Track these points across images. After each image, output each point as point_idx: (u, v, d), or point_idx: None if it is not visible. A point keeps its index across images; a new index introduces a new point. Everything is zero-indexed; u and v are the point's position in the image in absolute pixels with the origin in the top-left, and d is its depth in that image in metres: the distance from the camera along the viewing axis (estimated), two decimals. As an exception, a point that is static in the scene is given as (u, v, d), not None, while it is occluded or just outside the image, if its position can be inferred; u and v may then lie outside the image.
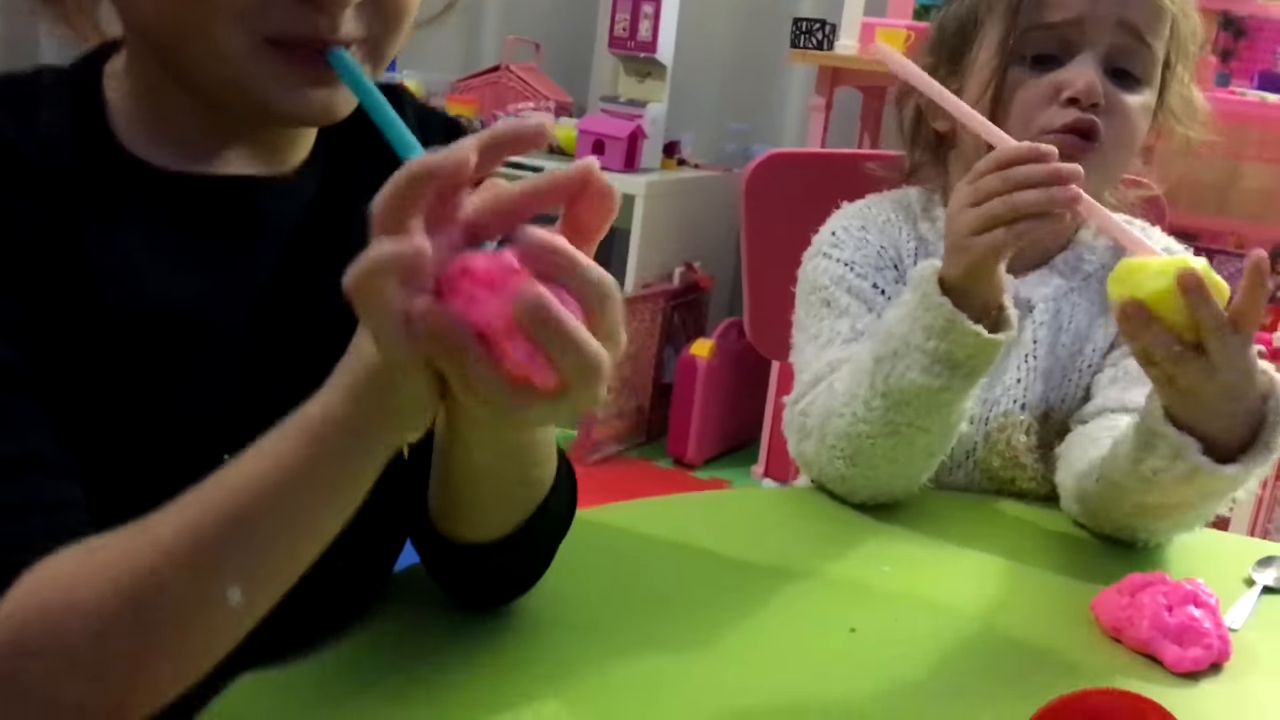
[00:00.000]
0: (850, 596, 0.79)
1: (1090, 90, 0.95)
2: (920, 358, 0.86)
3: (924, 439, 0.90)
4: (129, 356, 0.61)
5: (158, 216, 0.63)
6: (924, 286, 0.86)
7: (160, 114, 0.64)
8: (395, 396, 0.49)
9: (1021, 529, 0.94)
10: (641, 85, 2.79)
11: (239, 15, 0.58)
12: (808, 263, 1.06)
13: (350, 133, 0.70)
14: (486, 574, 0.69)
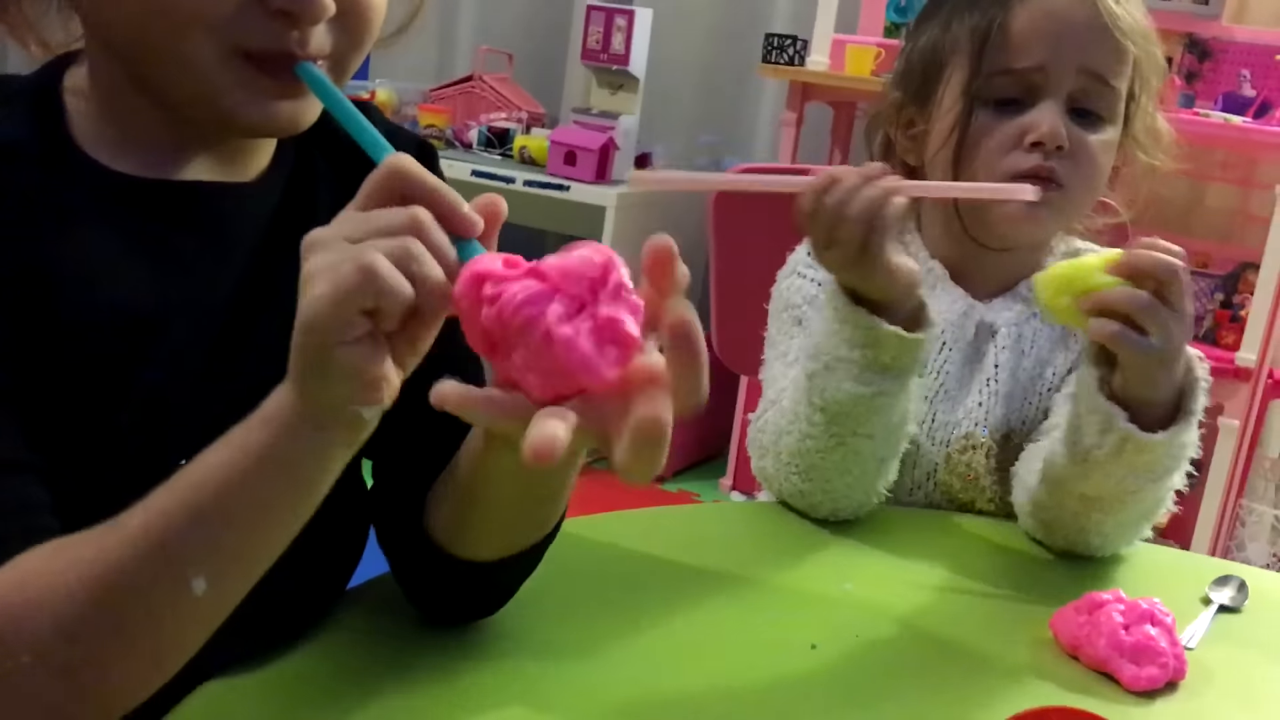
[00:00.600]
0: (812, 613, 0.79)
1: (1054, 135, 0.97)
2: (849, 368, 0.87)
3: (870, 446, 0.91)
4: (89, 358, 0.61)
5: (118, 220, 0.63)
6: (834, 301, 0.88)
7: (122, 123, 0.64)
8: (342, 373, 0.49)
9: (981, 546, 0.94)
10: (614, 97, 2.80)
11: (211, 28, 0.58)
12: (781, 281, 1.06)
13: (310, 142, 0.70)
14: (476, 590, 0.70)
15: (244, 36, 0.58)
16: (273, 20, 0.58)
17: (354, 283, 0.47)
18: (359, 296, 0.47)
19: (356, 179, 0.72)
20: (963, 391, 1.03)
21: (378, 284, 0.47)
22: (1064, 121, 0.98)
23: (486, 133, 2.96)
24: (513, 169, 2.79)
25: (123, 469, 0.62)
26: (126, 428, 0.62)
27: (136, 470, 0.61)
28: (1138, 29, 1.00)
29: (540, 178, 2.73)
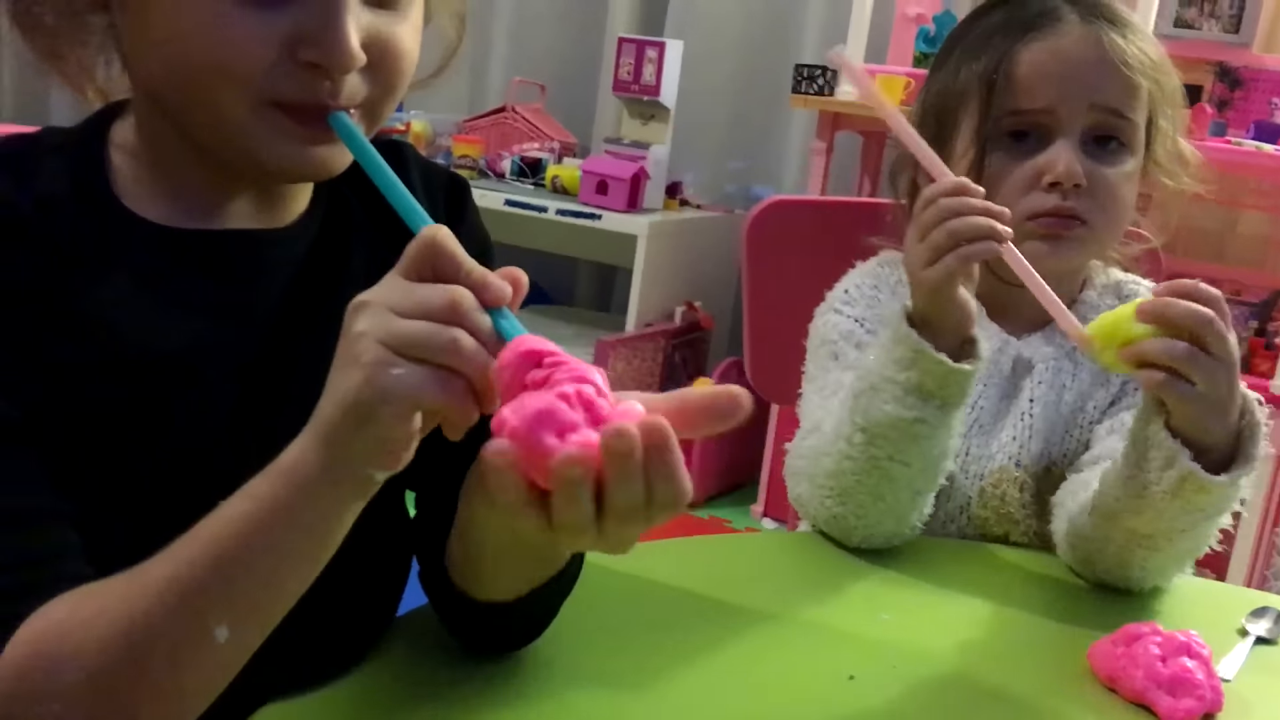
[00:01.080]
0: (849, 644, 0.80)
1: (1070, 174, 0.98)
2: (894, 389, 0.88)
3: (905, 474, 0.91)
4: (121, 403, 0.63)
5: (152, 268, 0.65)
6: (893, 322, 0.89)
7: (163, 170, 0.66)
8: (371, 444, 0.51)
9: (1018, 577, 0.95)
10: (645, 127, 2.82)
11: (243, 82, 0.60)
12: (819, 318, 1.08)
13: (342, 184, 0.72)
14: (499, 627, 0.71)
15: (276, 89, 0.60)
16: (304, 72, 0.60)
17: (398, 394, 0.49)
18: (400, 404, 0.50)
19: (389, 221, 0.74)
20: (997, 425, 1.04)
21: (420, 401, 0.50)
22: (1080, 158, 0.98)
23: (519, 162, 2.99)
24: (545, 198, 2.82)
25: (155, 513, 0.63)
26: (159, 472, 0.64)
27: (168, 514, 0.63)
28: (1147, 61, 1.01)
29: (572, 206, 2.76)
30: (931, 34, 2.54)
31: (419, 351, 0.49)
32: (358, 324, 0.51)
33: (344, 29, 0.59)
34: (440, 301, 0.50)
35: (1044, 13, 1.02)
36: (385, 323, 0.50)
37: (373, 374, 0.49)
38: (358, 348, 0.50)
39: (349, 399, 0.50)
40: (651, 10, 3.26)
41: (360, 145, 0.60)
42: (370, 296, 0.51)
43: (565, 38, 3.37)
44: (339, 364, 0.52)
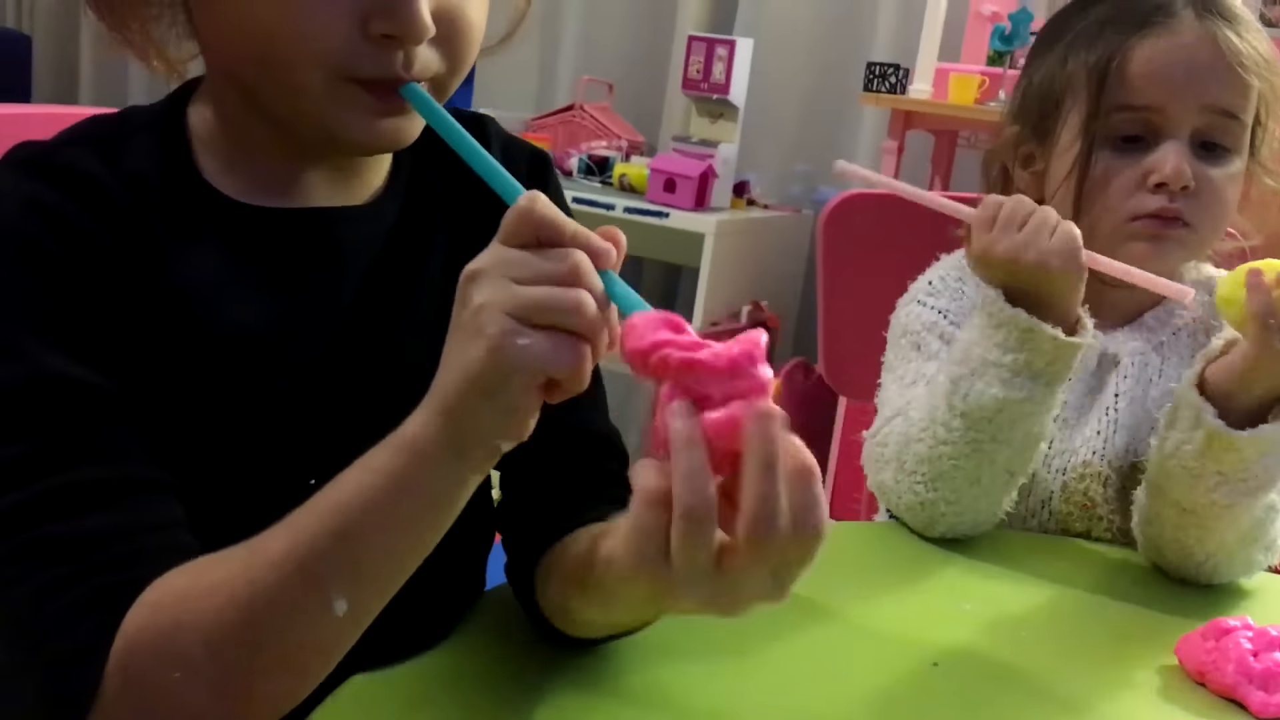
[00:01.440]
0: (932, 631, 0.79)
1: (1178, 176, 0.97)
2: (999, 372, 0.89)
3: (1005, 454, 0.91)
4: (210, 382, 0.64)
5: (238, 247, 0.66)
6: (990, 306, 0.89)
7: (240, 147, 0.68)
8: (498, 414, 0.51)
9: (1102, 568, 0.94)
10: (713, 126, 2.82)
11: (319, 59, 0.61)
12: (902, 309, 1.07)
13: (426, 164, 0.73)
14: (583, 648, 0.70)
15: (351, 65, 0.61)
16: (377, 46, 0.61)
17: (527, 363, 0.49)
18: (529, 374, 0.50)
19: (471, 196, 0.74)
20: (1081, 420, 1.03)
21: (549, 369, 0.50)
22: (1188, 159, 0.97)
23: (587, 160, 3.01)
24: (612, 196, 2.83)
25: (251, 484, 0.65)
26: (245, 450, 0.65)
27: (266, 486, 0.64)
28: (1261, 60, 1.00)
29: (640, 205, 2.76)
30: (1007, 32, 2.50)
31: (546, 318, 0.50)
32: (476, 295, 0.51)
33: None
34: (562, 267, 0.50)
35: (1159, 6, 1.01)
36: (507, 291, 0.50)
37: (499, 344, 0.49)
38: (480, 319, 0.50)
39: (474, 370, 0.50)
40: (721, 9, 3.26)
41: (438, 115, 0.61)
42: (483, 265, 0.52)
43: (634, 36, 3.38)
44: (458, 336, 0.52)
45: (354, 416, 0.67)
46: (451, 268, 0.72)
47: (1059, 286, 0.89)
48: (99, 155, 0.64)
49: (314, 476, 0.65)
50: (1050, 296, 0.89)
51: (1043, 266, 0.88)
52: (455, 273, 0.72)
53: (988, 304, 0.90)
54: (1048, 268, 0.88)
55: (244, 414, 0.65)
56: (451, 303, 0.71)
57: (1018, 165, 1.07)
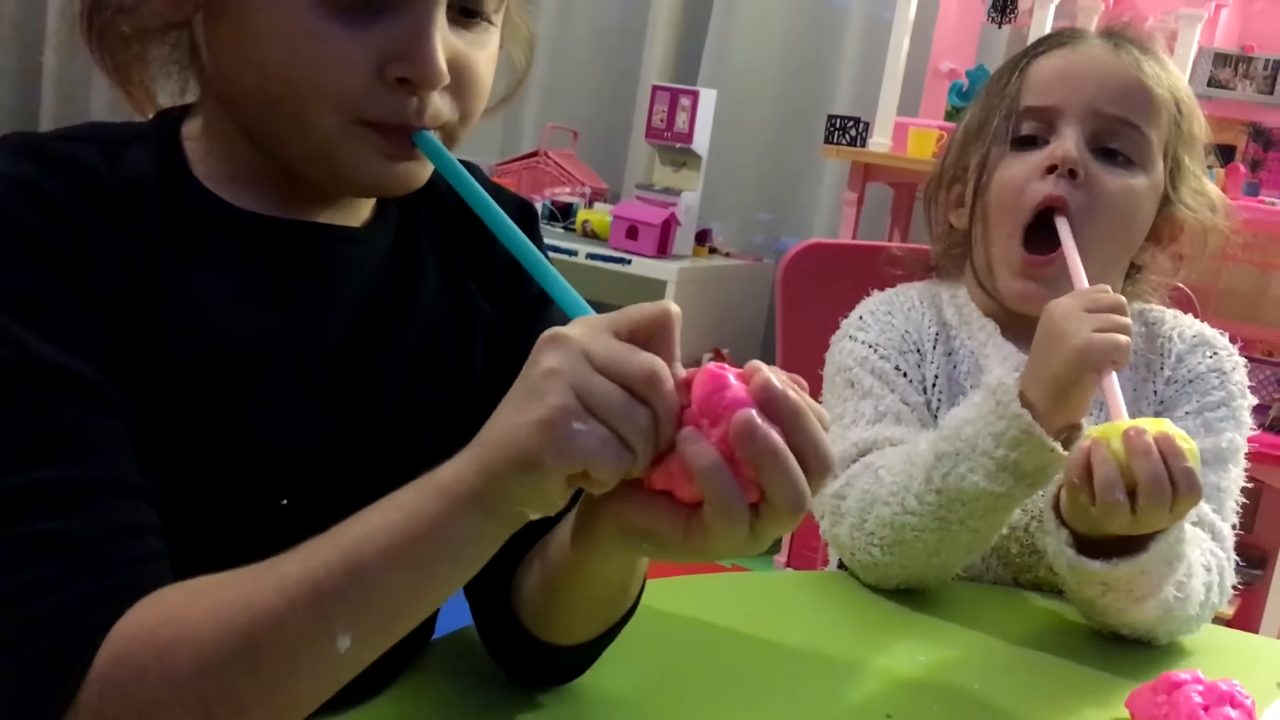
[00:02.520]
0: (886, 683, 0.79)
1: (1066, 157, 0.99)
2: (986, 463, 0.87)
3: (969, 537, 0.91)
4: (202, 389, 0.63)
5: (237, 255, 0.66)
6: (1001, 395, 0.87)
7: (237, 171, 0.67)
8: (531, 488, 0.51)
9: (1054, 623, 0.94)
10: (676, 174, 2.85)
11: (339, 101, 0.61)
12: (835, 345, 1.08)
13: (413, 199, 0.73)
14: (558, 665, 0.70)
15: (365, 108, 0.61)
16: (393, 91, 0.61)
17: (572, 452, 0.49)
18: (570, 461, 0.49)
19: (457, 233, 0.74)
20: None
21: (591, 465, 0.49)
22: (1082, 150, 1.00)
23: (550, 206, 3.02)
24: (575, 242, 2.84)
25: (224, 498, 0.63)
26: (231, 457, 0.64)
27: (238, 501, 0.63)
28: (1164, 79, 1.02)
29: (603, 251, 2.77)
30: (965, 88, 2.56)
31: (607, 417, 0.49)
32: (550, 359, 0.50)
33: (434, 45, 0.61)
34: (641, 370, 0.50)
35: (1070, 32, 1.08)
36: (581, 371, 0.50)
37: (554, 420, 0.49)
38: (546, 384, 0.50)
39: (519, 439, 0.50)
40: (685, 59, 3.30)
41: (450, 164, 0.62)
42: (570, 333, 0.51)
43: (599, 85, 3.41)
44: (518, 393, 0.51)
45: (333, 438, 0.67)
46: (441, 302, 0.73)
47: (1087, 380, 0.87)
48: (101, 154, 0.63)
49: (286, 497, 0.65)
50: (1057, 403, 0.87)
51: (1084, 353, 0.86)
52: (444, 306, 0.73)
53: (999, 392, 0.87)
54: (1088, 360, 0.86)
55: (224, 424, 0.64)
56: (438, 338, 0.72)
57: (953, 205, 1.10)
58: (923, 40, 2.76)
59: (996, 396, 0.87)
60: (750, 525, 0.51)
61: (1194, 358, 1.06)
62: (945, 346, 1.06)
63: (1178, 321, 1.09)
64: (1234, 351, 1.07)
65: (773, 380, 0.50)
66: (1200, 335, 1.08)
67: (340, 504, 0.54)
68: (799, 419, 0.50)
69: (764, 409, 0.50)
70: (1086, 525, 0.85)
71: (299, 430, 0.66)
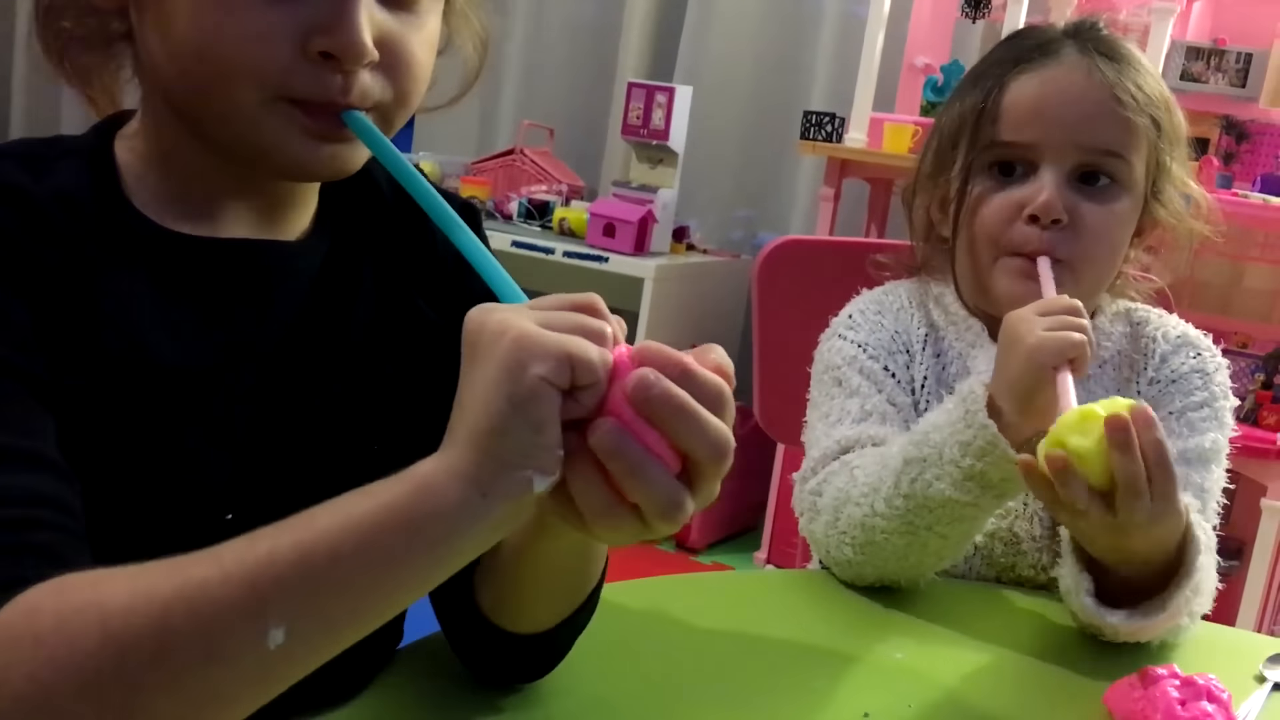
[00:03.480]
0: (864, 681, 0.78)
1: (1048, 209, 0.97)
2: (953, 471, 0.86)
3: (938, 544, 0.90)
4: (132, 411, 0.62)
5: (166, 274, 0.65)
6: (970, 404, 0.86)
7: (171, 175, 0.66)
8: (526, 426, 0.47)
9: (1033, 620, 0.93)
10: (653, 171, 2.84)
11: (260, 76, 0.60)
12: (824, 343, 1.07)
13: (352, 206, 0.72)
14: (523, 658, 0.70)
15: (289, 85, 0.60)
16: (317, 68, 0.60)
17: (551, 347, 0.47)
18: (554, 361, 0.47)
19: (398, 239, 0.73)
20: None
21: (575, 351, 0.47)
22: (1064, 193, 0.97)
23: (527, 204, 3.01)
24: (552, 240, 2.83)
25: (166, 515, 0.62)
26: (171, 475, 0.63)
27: (181, 517, 0.62)
28: (1144, 98, 0.99)
29: (579, 249, 2.77)
30: (940, 83, 2.56)
31: (570, 326, 0.48)
32: (490, 318, 0.49)
33: (355, 18, 0.60)
34: (591, 322, 0.49)
35: (1040, 45, 1.02)
36: (526, 310, 0.49)
37: (523, 331, 0.47)
38: (501, 327, 0.48)
39: (497, 371, 0.47)
40: (661, 56, 3.30)
41: (381, 143, 0.60)
42: (498, 306, 0.50)
43: (575, 82, 3.40)
44: (474, 361, 0.48)
45: (275, 453, 0.66)
46: (379, 310, 0.72)
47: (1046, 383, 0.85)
48: (28, 170, 0.62)
49: (231, 511, 0.64)
50: (1023, 411, 0.86)
51: (1035, 352, 0.85)
52: (383, 315, 0.72)
53: (968, 400, 0.87)
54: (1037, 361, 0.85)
55: (163, 443, 0.63)
56: (377, 347, 0.71)
57: (935, 204, 1.09)
58: (897, 36, 2.76)
59: (965, 405, 0.87)
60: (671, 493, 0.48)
61: (1177, 358, 1.05)
62: (934, 347, 1.06)
63: (1162, 322, 1.09)
64: (1217, 353, 1.07)
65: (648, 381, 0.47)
66: (1184, 336, 1.07)
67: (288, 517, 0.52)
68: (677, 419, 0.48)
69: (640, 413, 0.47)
70: (1086, 542, 0.84)
71: (238, 446, 0.65)
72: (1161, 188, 1.03)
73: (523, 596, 0.66)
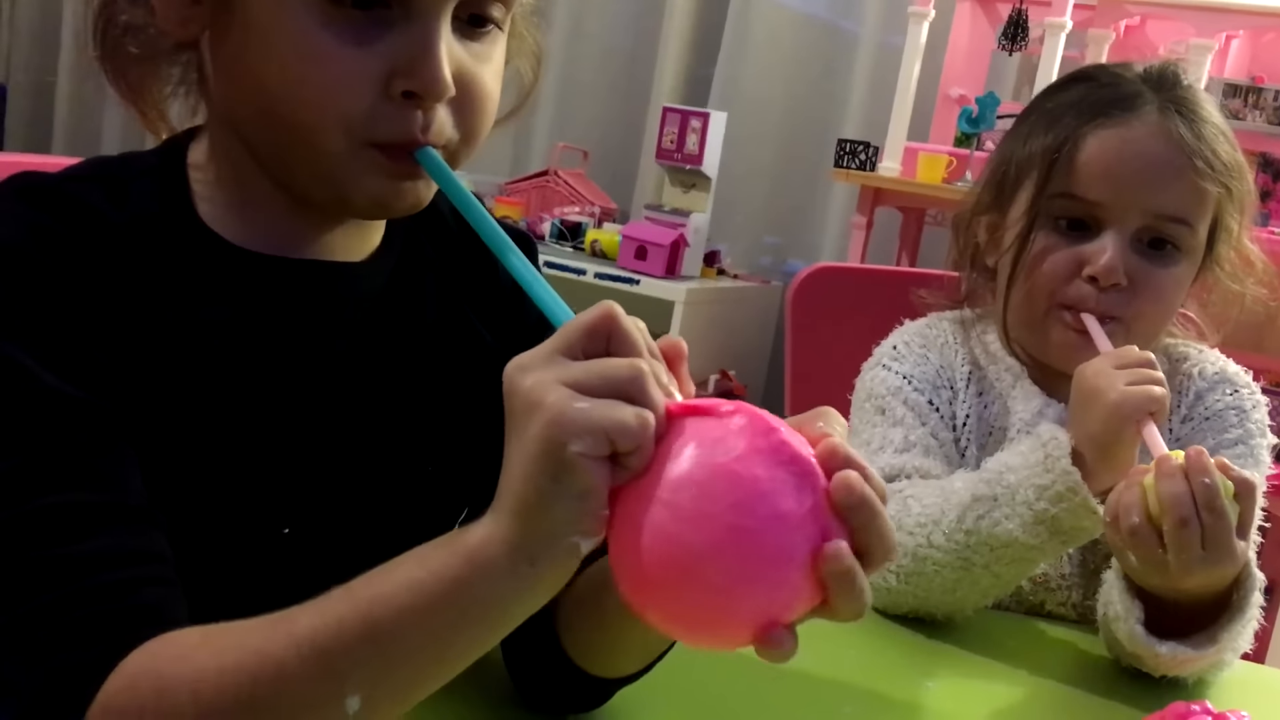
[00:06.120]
0: (895, 711, 0.79)
1: (1109, 273, 0.96)
2: (1024, 513, 0.87)
3: (990, 582, 0.91)
4: (195, 424, 0.63)
5: (236, 292, 0.66)
6: (1052, 449, 0.87)
7: (242, 199, 0.67)
8: (568, 496, 0.47)
9: (1065, 652, 0.93)
10: (686, 195, 2.85)
11: (345, 124, 0.61)
12: (867, 372, 1.08)
13: (417, 229, 0.73)
14: (597, 697, 0.69)
15: (374, 130, 0.61)
16: (400, 109, 0.61)
17: (589, 424, 0.46)
18: (593, 436, 0.46)
19: (459, 258, 0.74)
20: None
21: (614, 428, 0.46)
22: (1126, 256, 0.96)
23: (559, 225, 3.03)
24: (584, 261, 2.85)
25: (226, 531, 0.64)
26: (231, 491, 0.64)
27: (240, 533, 0.63)
28: (1219, 166, 0.97)
29: (611, 270, 2.78)
30: (974, 114, 2.56)
31: (609, 390, 0.47)
32: (525, 379, 0.48)
33: (439, 56, 0.60)
34: (626, 374, 0.47)
35: (1122, 98, 0.99)
36: (562, 367, 0.47)
37: (558, 411, 0.46)
38: (534, 395, 0.47)
39: (535, 448, 0.46)
40: (696, 81, 3.32)
41: (451, 180, 0.61)
42: (532, 363, 0.48)
43: (610, 105, 3.42)
44: (513, 427, 0.48)
45: (331, 469, 0.67)
46: (440, 332, 0.73)
47: (1127, 436, 0.86)
48: (105, 193, 0.63)
49: (289, 526, 0.65)
50: (1104, 463, 0.87)
51: (1120, 407, 0.86)
52: (443, 336, 0.73)
53: (1050, 445, 0.87)
54: (1123, 415, 0.86)
55: (224, 459, 0.64)
56: (438, 369, 0.72)
57: (985, 231, 1.08)
58: (933, 66, 2.77)
59: (1047, 449, 0.87)
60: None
61: (1213, 395, 1.04)
62: (977, 386, 1.06)
63: (1201, 358, 1.07)
64: (1256, 390, 1.06)
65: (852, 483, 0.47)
66: (1222, 373, 1.06)
67: (343, 533, 0.53)
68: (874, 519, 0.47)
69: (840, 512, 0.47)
70: (1136, 576, 0.84)
71: (298, 462, 0.66)
72: (1219, 247, 1.02)
73: (619, 646, 0.66)
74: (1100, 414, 0.87)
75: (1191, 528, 0.78)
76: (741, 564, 0.45)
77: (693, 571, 0.45)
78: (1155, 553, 0.79)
